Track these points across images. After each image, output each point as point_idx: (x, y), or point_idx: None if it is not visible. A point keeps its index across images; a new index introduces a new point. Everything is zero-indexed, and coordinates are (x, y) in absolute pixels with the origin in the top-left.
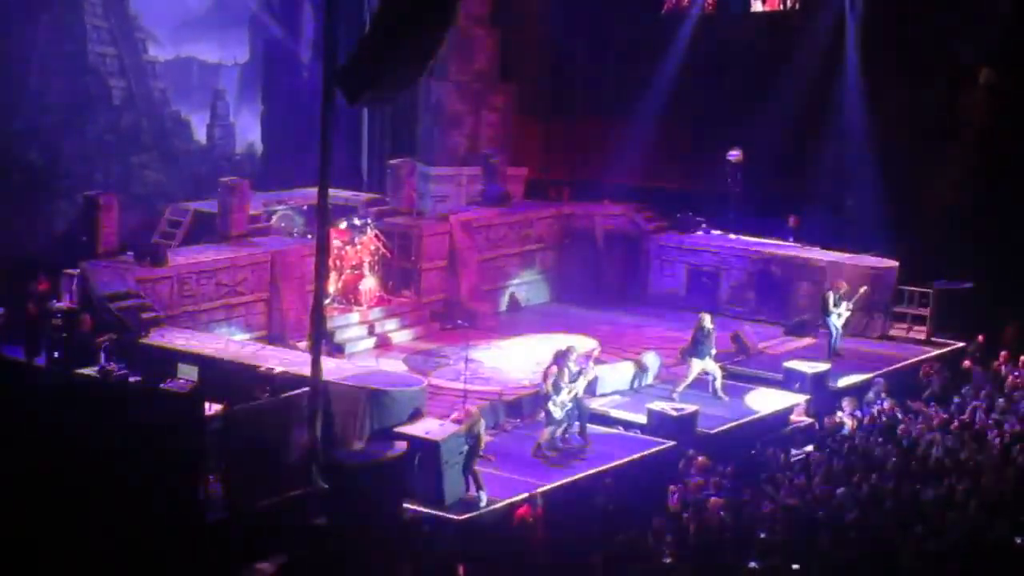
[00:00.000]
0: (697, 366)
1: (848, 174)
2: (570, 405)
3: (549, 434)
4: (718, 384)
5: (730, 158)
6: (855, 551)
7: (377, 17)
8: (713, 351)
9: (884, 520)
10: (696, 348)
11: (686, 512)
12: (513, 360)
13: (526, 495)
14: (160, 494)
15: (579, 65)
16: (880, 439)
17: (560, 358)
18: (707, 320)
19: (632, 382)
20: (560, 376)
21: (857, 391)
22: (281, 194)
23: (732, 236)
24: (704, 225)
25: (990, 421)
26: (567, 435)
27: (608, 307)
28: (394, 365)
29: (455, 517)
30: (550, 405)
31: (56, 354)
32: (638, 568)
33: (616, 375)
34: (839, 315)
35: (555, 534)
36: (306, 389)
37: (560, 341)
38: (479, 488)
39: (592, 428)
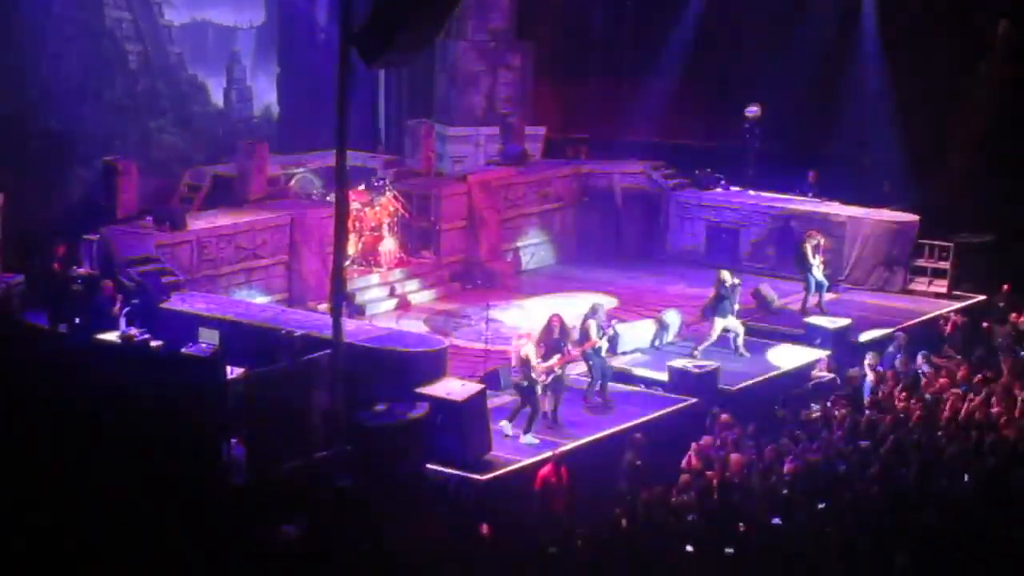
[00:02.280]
0: (719, 324)
1: (867, 129)
2: (559, 374)
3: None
4: (739, 341)
5: (748, 114)
6: (878, 505)
7: None
8: (736, 307)
9: (907, 474)
10: (718, 305)
11: (709, 470)
12: (534, 319)
13: (548, 454)
14: (183, 458)
15: (596, 22)
16: (903, 393)
17: (592, 314)
18: (728, 277)
19: (653, 340)
20: (545, 338)
21: (879, 345)
22: (299, 157)
23: (751, 192)
24: (723, 182)
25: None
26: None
27: (628, 265)
28: (415, 326)
29: (478, 477)
30: (597, 357)
31: (77, 320)
32: (661, 526)
33: (637, 333)
34: (818, 266)
35: (580, 493)
36: (327, 351)
37: (579, 301)
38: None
39: (613, 386)
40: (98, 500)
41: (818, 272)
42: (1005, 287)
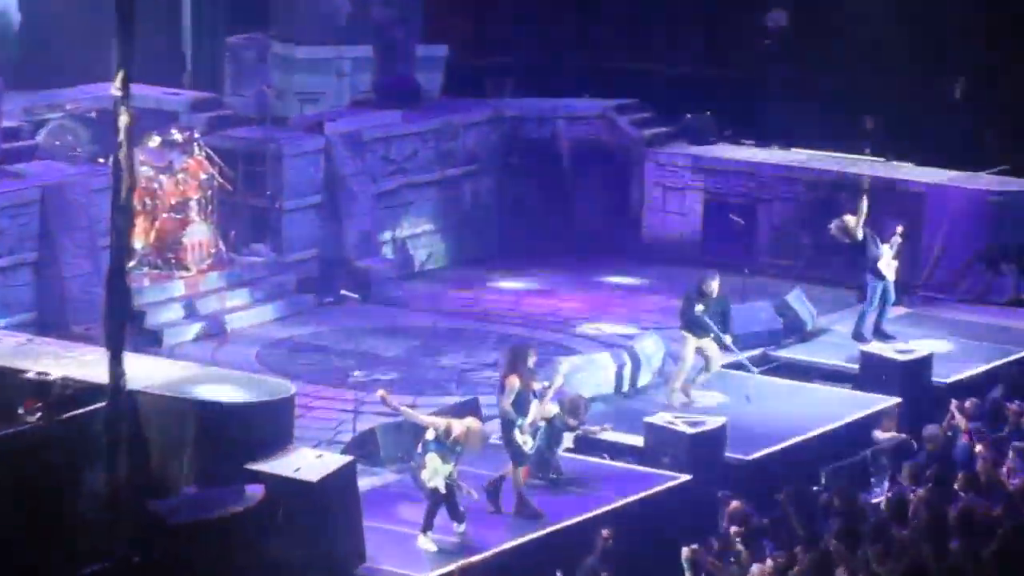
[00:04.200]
0: (692, 343)
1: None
2: (542, 428)
3: (523, 478)
4: (702, 378)
5: (769, 24)
6: None
7: None
8: (727, 339)
9: None
10: (689, 318)
11: None
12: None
13: (451, 568)
14: None
15: None
16: (1019, 463)
17: (518, 360)
18: (712, 284)
19: (621, 383)
20: (525, 386)
21: (977, 389)
22: (53, 94)
23: (775, 147)
24: (729, 131)
25: None
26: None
27: (581, 263)
28: (243, 363)
29: None
30: (516, 434)
31: None
32: None
33: (595, 373)
34: (888, 264)
35: None
36: (102, 404)
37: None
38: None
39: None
40: None
41: (888, 271)
42: None
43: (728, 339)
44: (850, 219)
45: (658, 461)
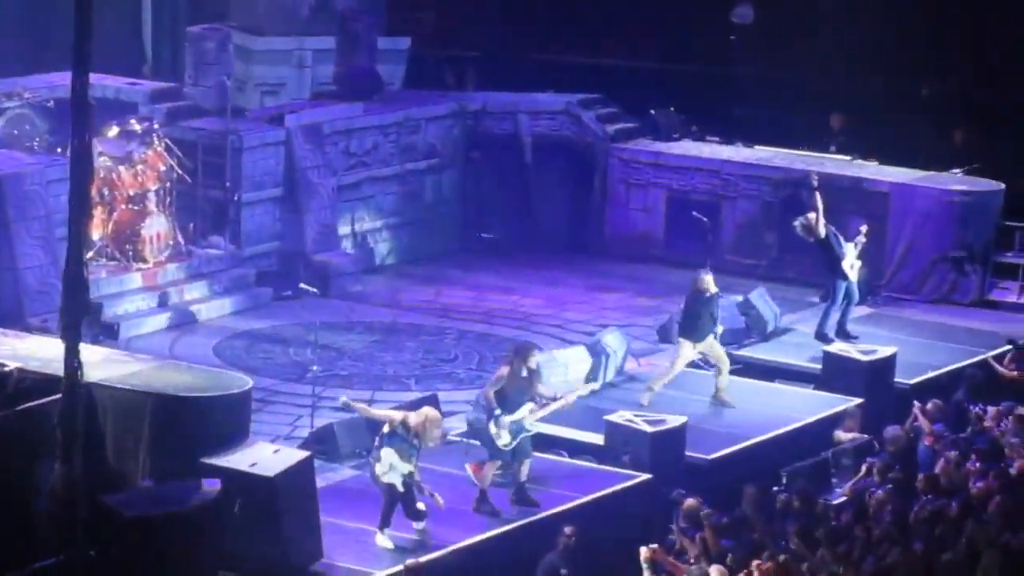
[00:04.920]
0: (688, 351)
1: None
2: (530, 432)
3: (492, 473)
4: (722, 381)
5: (736, 20)
6: None
7: None
8: (718, 329)
9: None
10: (691, 324)
11: None
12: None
13: (399, 567)
14: None
15: None
16: (977, 464)
17: (517, 355)
18: (708, 280)
19: (585, 379)
20: (511, 382)
21: (940, 390)
22: (10, 82)
23: (739, 145)
24: (694, 128)
25: None
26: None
27: (543, 260)
28: (202, 356)
29: None
30: (492, 427)
31: None
32: None
33: (558, 368)
34: (852, 264)
35: None
36: (57, 397)
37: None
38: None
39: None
40: None
41: (852, 272)
42: None
43: (720, 329)
44: (812, 216)
45: (618, 460)
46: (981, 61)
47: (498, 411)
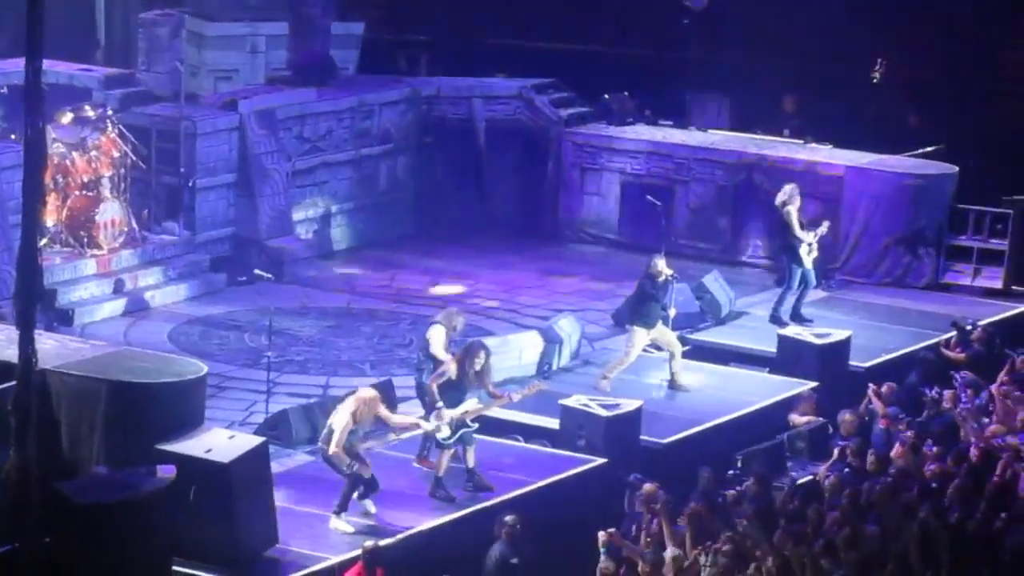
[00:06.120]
0: (642, 337)
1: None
2: (471, 428)
3: (446, 463)
4: (676, 365)
5: (689, 4)
6: None
7: None
8: (671, 313)
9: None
10: (642, 309)
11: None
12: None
13: (358, 551)
14: None
15: None
16: (933, 449)
17: (465, 353)
18: (662, 266)
19: (538, 364)
20: (457, 378)
21: (894, 373)
22: None
23: (692, 129)
24: (648, 112)
25: None
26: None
27: (497, 244)
28: (156, 341)
29: None
30: (432, 420)
31: None
32: None
33: (511, 353)
34: (807, 248)
35: None
36: (11, 384)
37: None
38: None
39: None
40: None
41: (807, 257)
42: None
43: (672, 313)
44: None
45: (573, 444)
46: (929, 43)
47: (440, 404)
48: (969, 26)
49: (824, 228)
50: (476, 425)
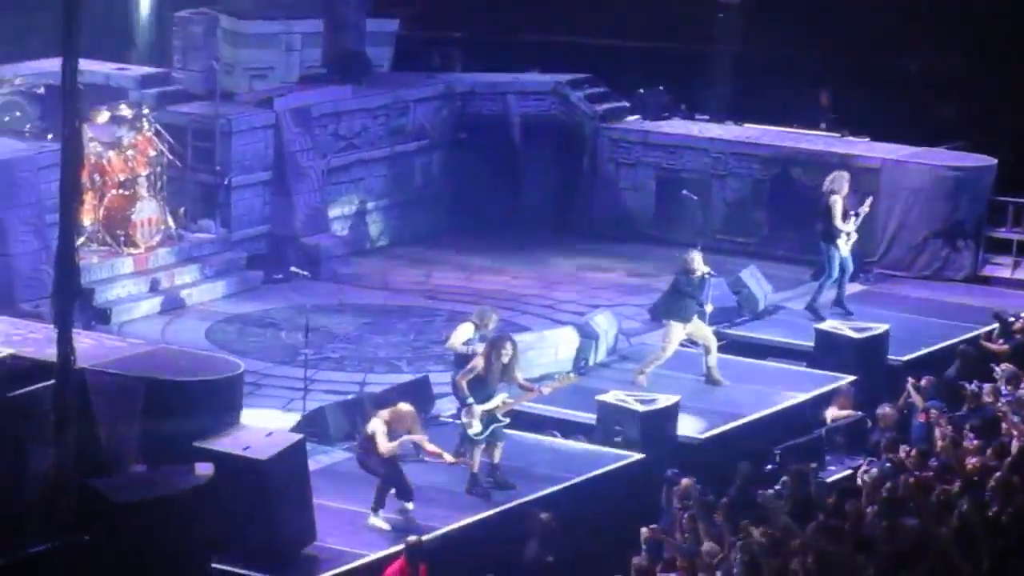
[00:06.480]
0: (678, 332)
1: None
2: (503, 422)
3: (479, 458)
4: (711, 360)
5: None
6: None
7: None
8: (708, 309)
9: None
10: (677, 304)
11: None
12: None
13: (401, 546)
14: None
15: None
16: (974, 441)
17: (491, 347)
18: (698, 261)
19: (575, 360)
20: (485, 372)
21: (933, 367)
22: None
23: (729, 123)
24: (683, 107)
25: None
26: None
27: (532, 240)
28: (193, 339)
29: None
30: (463, 416)
31: None
32: None
33: (547, 349)
34: (846, 239)
35: None
36: (50, 382)
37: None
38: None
39: (509, 433)
40: None
41: (845, 247)
42: None
43: (709, 309)
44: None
45: (610, 439)
46: (969, 35)
47: (470, 400)
48: (1007, 16)
49: (867, 206)
50: (507, 420)
